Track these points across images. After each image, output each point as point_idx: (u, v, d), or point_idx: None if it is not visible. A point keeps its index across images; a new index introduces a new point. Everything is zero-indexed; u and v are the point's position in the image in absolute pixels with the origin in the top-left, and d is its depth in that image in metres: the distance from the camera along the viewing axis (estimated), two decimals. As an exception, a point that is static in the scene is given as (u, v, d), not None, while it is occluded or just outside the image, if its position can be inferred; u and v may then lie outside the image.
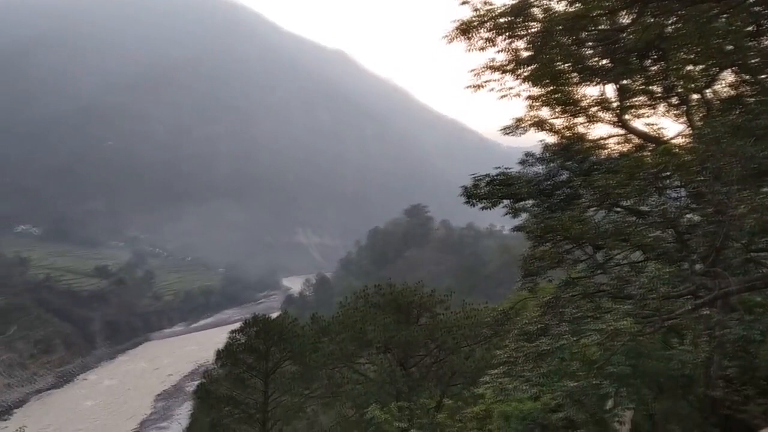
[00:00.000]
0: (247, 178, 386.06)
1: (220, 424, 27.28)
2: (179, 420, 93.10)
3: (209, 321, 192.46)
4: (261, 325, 27.59)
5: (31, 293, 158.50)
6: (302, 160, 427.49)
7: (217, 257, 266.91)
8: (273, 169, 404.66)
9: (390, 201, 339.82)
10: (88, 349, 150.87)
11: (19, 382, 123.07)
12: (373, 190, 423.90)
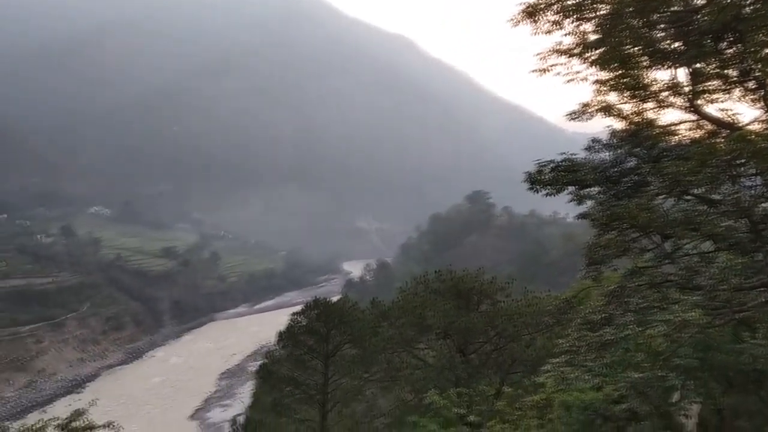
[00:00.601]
0: (310, 163, 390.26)
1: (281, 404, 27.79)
2: (242, 399, 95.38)
3: (271, 303, 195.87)
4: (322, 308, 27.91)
5: (103, 272, 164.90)
6: (364, 146, 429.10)
7: (280, 241, 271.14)
8: (335, 155, 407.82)
9: (451, 187, 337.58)
10: (156, 328, 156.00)
11: (91, 357, 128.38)
12: (435, 176, 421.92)
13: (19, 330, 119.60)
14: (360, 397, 27.51)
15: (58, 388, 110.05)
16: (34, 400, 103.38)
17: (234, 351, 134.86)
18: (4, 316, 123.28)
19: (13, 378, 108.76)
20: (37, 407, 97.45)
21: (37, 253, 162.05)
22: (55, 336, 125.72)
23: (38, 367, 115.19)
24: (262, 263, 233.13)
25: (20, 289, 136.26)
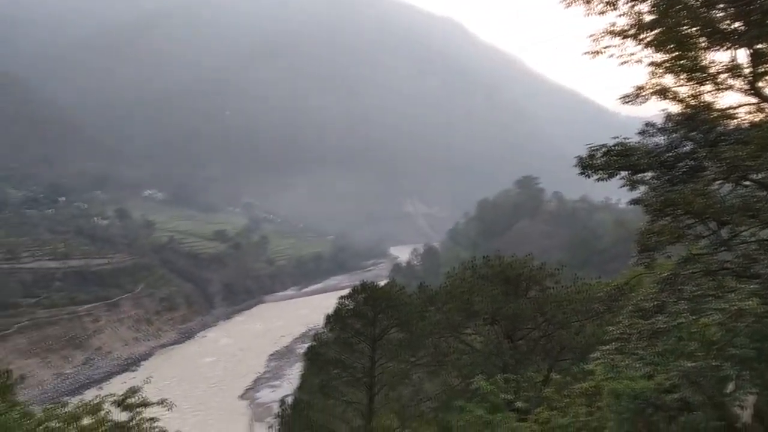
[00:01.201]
0: (358, 148, 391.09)
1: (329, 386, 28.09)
2: (290, 380, 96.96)
3: (319, 286, 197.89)
4: (369, 291, 28.03)
5: (156, 254, 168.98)
6: (412, 130, 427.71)
7: (328, 225, 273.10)
8: (383, 139, 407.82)
9: (500, 172, 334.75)
10: (207, 309, 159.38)
11: (145, 336, 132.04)
12: (483, 161, 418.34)
13: (77, 309, 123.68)
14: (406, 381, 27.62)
15: (113, 366, 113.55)
16: (91, 377, 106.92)
17: (282, 333, 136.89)
18: (63, 295, 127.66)
19: (71, 355, 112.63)
20: (94, 384, 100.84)
21: (94, 235, 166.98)
22: (111, 315, 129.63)
23: (95, 345, 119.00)
24: (310, 247, 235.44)
25: (78, 269, 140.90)
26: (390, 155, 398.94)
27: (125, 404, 15.29)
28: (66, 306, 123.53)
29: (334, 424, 28.06)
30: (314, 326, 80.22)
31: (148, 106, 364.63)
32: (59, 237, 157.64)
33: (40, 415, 14.75)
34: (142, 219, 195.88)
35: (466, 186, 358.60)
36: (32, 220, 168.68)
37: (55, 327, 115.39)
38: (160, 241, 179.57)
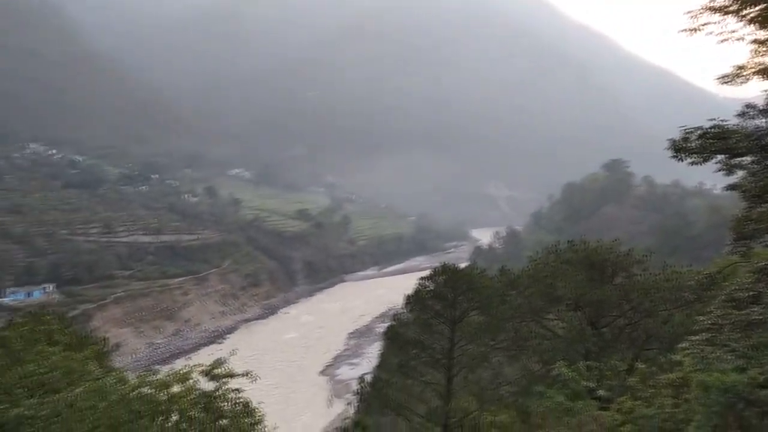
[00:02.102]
0: (440, 129, 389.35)
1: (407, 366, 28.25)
2: (369, 358, 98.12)
3: (399, 267, 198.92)
4: (450, 273, 27.92)
5: (243, 231, 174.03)
6: (496, 111, 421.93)
7: (409, 206, 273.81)
8: (466, 120, 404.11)
9: (587, 154, 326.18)
10: (290, 286, 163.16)
11: (231, 310, 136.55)
12: (570, 143, 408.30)
13: (168, 282, 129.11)
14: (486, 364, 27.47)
15: (201, 338, 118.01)
16: (181, 347, 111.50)
17: (362, 312, 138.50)
18: (155, 268, 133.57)
19: (162, 326, 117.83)
20: (183, 354, 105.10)
21: (185, 212, 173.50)
22: (199, 289, 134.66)
23: (184, 317, 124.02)
24: (391, 227, 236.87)
25: (169, 244, 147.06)
26: (474, 136, 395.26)
27: (212, 374, 15.84)
28: (158, 279, 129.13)
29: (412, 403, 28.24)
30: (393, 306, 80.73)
31: (236, 86, 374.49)
32: (152, 213, 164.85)
33: (134, 381, 15.49)
34: (229, 197, 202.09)
35: (550, 169, 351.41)
36: (128, 197, 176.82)
37: (148, 299, 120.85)
38: (246, 219, 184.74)
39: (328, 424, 76.38)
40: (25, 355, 19.55)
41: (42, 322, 23.08)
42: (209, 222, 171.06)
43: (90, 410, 14.24)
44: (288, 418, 70.00)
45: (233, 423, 15.04)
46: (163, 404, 14.75)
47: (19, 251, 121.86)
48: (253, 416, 15.47)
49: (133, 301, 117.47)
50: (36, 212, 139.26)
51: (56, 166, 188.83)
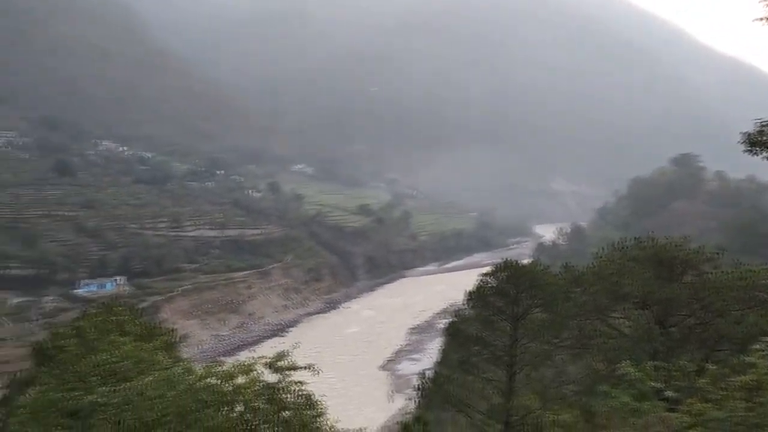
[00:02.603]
0: (503, 123, 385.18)
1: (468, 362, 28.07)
2: (430, 354, 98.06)
3: (460, 263, 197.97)
4: (512, 270, 27.56)
5: (305, 226, 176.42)
6: (561, 104, 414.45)
7: (470, 201, 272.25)
8: (529, 114, 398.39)
9: (655, 148, 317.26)
10: (351, 281, 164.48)
11: (293, 304, 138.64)
12: (637, 137, 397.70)
13: (232, 276, 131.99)
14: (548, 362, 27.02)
15: (264, 331, 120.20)
16: (245, 340, 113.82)
17: (422, 308, 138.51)
18: (220, 262, 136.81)
19: (227, 318, 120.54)
20: (247, 346, 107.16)
21: (249, 207, 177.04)
22: (263, 283, 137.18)
23: (248, 310, 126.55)
24: (452, 223, 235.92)
25: (234, 238, 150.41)
26: (537, 130, 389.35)
27: (275, 367, 16.11)
28: (223, 272, 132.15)
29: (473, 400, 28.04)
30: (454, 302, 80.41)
31: (300, 83, 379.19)
32: (217, 208, 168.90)
33: (201, 371, 15.90)
34: (292, 192, 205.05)
35: (616, 163, 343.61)
36: (194, 192, 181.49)
37: (213, 292, 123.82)
38: (308, 214, 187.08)
39: (388, 419, 76.77)
40: (98, 344, 20.32)
41: (114, 313, 23.93)
42: (272, 217, 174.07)
43: (159, 399, 14.71)
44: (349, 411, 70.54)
45: (296, 415, 15.24)
46: (228, 395, 15.09)
47: (92, 245, 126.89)
48: (315, 409, 15.65)
49: (200, 293, 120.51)
50: (108, 207, 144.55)
51: (127, 163, 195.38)
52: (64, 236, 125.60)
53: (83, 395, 16.78)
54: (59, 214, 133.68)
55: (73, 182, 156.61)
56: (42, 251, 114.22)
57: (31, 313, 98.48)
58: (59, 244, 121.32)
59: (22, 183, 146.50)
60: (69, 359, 19.66)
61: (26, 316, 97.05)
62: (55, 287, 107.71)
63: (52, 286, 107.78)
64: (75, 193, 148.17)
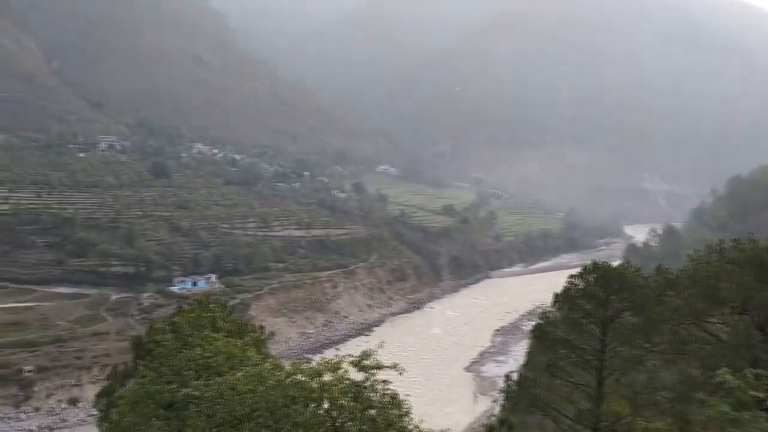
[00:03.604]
0: (591, 121, 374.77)
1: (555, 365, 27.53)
2: (515, 356, 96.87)
3: (547, 264, 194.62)
4: (601, 271, 26.83)
5: (389, 226, 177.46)
6: (653, 102, 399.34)
7: (557, 201, 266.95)
8: (620, 112, 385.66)
9: (755, 147, 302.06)
10: (435, 281, 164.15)
11: (378, 304, 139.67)
12: (735, 135, 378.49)
13: (318, 275, 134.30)
14: (640, 368, 26.13)
15: (349, 330, 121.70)
16: (330, 338, 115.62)
17: (508, 309, 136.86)
18: (307, 261, 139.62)
19: (313, 317, 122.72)
20: (332, 345, 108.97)
21: (334, 207, 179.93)
22: (347, 282, 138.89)
23: (334, 309, 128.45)
24: (538, 223, 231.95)
25: (320, 238, 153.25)
26: (628, 128, 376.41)
27: (361, 365, 16.32)
28: (309, 271, 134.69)
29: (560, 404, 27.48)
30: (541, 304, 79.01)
31: (384, 83, 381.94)
32: (304, 208, 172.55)
33: (289, 368, 16.30)
34: (376, 193, 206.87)
35: (714, 162, 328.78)
36: (281, 193, 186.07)
37: (300, 290, 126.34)
38: (392, 214, 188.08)
39: (473, 421, 76.28)
40: (192, 339, 21.15)
41: (207, 309, 24.85)
42: (357, 217, 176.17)
43: (249, 394, 15.19)
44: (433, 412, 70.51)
45: (381, 413, 15.39)
46: (315, 391, 15.41)
47: (186, 244, 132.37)
48: (401, 408, 15.74)
49: (287, 292, 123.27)
50: (201, 208, 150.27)
51: (218, 165, 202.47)
52: (160, 235, 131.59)
53: (179, 388, 17.53)
54: (156, 214, 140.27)
55: (168, 184, 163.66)
56: (140, 250, 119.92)
57: (130, 308, 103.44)
58: (156, 243, 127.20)
59: (123, 184, 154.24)
60: (165, 353, 20.56)
61: (125, 312, 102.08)
62: (152, 284, 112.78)
63: (149, 283, 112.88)
64: (170, 194, 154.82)
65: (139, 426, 16.81)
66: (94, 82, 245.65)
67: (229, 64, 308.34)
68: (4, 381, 76.60)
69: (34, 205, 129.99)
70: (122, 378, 29.13)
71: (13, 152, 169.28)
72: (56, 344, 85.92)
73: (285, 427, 14.68)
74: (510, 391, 28.87)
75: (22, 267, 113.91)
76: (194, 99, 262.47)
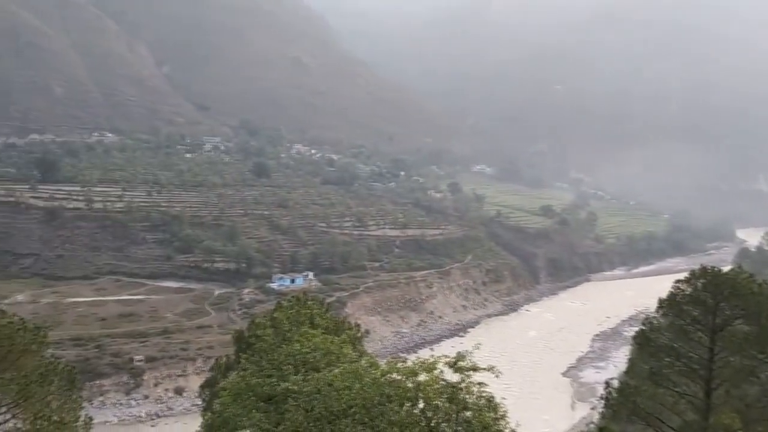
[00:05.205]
0: (701, 119, 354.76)
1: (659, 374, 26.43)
2: (615, 362, 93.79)
3: (650, 268, 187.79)
4: (710, 277, 25.57)
5: (485, 227, 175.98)
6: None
7: (662, 203, 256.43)
8: (732, 108, 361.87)
9: None
10: (532, 283, 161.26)
11: (472, 305, 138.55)
12: None
13: (413, 275, 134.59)
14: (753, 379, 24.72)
15: (443, 330, 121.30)
16: (424, 338, 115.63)
17: (608, 314, 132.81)
18: (402, 261, 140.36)
19: (407, 316, 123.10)
20: (426, 345, 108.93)
21: (429, 207, 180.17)
22: (442, 282, 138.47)
23: (428, 309, 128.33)
24: (642, 225, 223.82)
25: (415, 238, 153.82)
26: (741, 125, 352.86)
27: (456, 366, 16.23)
28: (404, 271, 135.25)
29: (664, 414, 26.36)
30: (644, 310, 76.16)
31: (480, 82, 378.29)
32: (399, 208, 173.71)
33: (385, 366, 16.43)
34: (472, 193, 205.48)
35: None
36: (377, 192, 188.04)
37: (395, 289, 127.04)
38: (488, 215, 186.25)
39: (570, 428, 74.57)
40: (291, 335, 21.70)
41: (305, 306, 25.44)
42: (452, 217, 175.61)
43: (346, 390, 15.42)
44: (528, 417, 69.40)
45: (477, 416, 15.25)
46: (410, 391, 15.46)
47: (284, 242, 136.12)
48: (497, 411, 15.56)
49: (382, 291, 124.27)
50: (299, 206, 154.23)
51: (316, 165, 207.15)
52: (261, 233, 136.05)
53: (278, 382, 18.02)
54: (256, 212, 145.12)
55: (269, 183, 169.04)
56: (241, 247, 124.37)
57: (232, 303, 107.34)
58: (256, 240, 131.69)
59: (226, 184, 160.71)
60: (266, 348, 21.18)
61: (227, 306, 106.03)
62: (252, 280, 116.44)
63: (250, 279, 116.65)
64: (270, 193, 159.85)
65: (240, 417, 17.38)
66: (200, 85, 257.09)
67: (327, 65, 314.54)
68: (117, 369, 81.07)
69: (145, 203, 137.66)
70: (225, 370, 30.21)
71: (126, 153, 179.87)
72: (164, 336, 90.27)
73: (380, 425, 14.80)
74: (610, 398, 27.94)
75: (134, 261, 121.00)
76: (293, 100, 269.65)
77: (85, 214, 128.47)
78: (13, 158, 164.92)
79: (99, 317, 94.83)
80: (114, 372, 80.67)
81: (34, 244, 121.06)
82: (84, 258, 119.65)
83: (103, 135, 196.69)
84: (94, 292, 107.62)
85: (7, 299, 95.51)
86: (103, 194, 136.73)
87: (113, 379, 79.94)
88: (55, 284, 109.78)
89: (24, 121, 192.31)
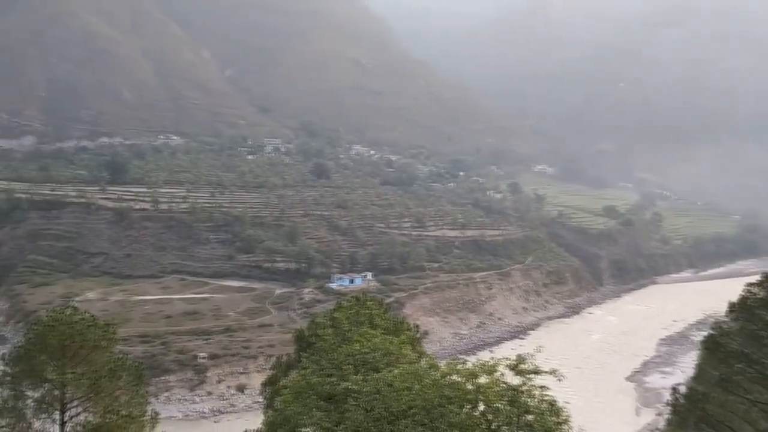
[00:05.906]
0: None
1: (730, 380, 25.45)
2: (682, 367, 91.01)
3: (720, 270, 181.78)
4: (785, 280, 24.54)
5: (545, 227, 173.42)
6: None
7: (733, 203, 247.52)
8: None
9: None
10: (595, 285, 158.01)
11: (533, 307, 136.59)
12: None
13: (472, 276, 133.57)
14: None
15: (503, 332, 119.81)
16: (484, 340, 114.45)
17: (676, 317, 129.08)
18: (461, 262, 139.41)
19: (467, 318, 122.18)
20: (486, 347, 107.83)
21: (489, 208, 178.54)
22: (502, 284, 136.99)
23: (488, 310, 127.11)
24: (710, 226, 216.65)
25: (473, 239, 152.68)
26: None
27: (518, 369, 16.01)
28: (463, 272, 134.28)
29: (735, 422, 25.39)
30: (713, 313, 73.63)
31: (540, 82, 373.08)
32: (458, 208, 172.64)
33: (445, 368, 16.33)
34: (532, 193, 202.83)
35: None
36: (436, 193, 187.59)
37: (454, 291, 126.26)
38: (549, 215, 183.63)
39: (635, 433, 72.68)
40: (351, 335, 21.82)
41: (364, 306, 25.54)
42: (512, 218, 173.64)
43: (406, 391, 15.39)
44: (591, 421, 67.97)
45: (538, 420, 15.00)
46: (470, 393, 15.31)
47: (344, 242, 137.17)
48: (559, 415, 15.28)
49: (441, 292, 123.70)
50: (358, 207, 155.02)
51: (375, 166, 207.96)
52: (320, 234, 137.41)
53: (338, 381, 18.14)
54: (316, 213, 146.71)
55: (328, 184, 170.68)
56: (301, 247, 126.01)
57: (292, 302, 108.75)
58: (316, 240, 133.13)
59: (287, 185, 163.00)
60: (326, 347, 21.37)
61: (288, 305, 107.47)
62: (312, 280, 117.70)
63: (310, 279, 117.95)
64: (329, 194, 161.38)
65: (301, 415, 17.55)
66: (262, 88, 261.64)
67: (386, 66, 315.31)
68: (182, 366, 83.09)
69: (208, 203, 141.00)
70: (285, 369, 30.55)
71: (191, 155, 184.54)
72: (227, 333, 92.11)
73: (440, 427, 14.71)
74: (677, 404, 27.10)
75: (198, 261, 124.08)
76: (353, 101, 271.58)
77: (151, 215, 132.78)
78: (84, 161, 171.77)
79: (165, 315, 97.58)
80: (179, 368, 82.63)
81: (103, 244, 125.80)
82: (150, 257, 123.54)
83: (168, 138, 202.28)
84: (160, 290, 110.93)
85: (78, 296, 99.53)
86: (168, 195, 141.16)
87: (178, 375, 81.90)
88: (123, 282, 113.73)
89: (95, 125, 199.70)
